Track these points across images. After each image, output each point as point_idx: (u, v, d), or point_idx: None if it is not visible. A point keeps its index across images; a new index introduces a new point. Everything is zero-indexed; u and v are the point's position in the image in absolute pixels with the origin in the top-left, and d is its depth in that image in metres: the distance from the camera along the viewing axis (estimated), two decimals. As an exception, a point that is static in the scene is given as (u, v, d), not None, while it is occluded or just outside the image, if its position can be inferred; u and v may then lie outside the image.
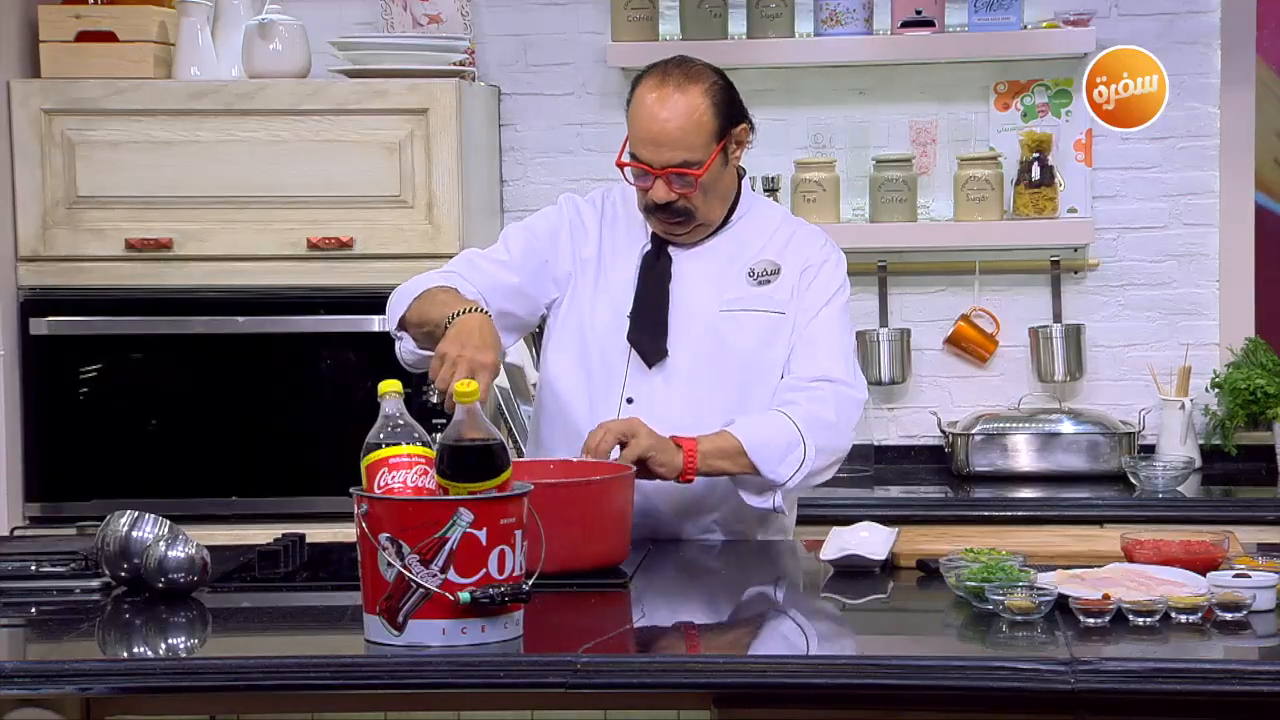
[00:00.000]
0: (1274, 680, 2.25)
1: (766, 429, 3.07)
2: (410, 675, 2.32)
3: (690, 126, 3.06)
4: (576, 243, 3.24)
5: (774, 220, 3.27)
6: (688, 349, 3.16)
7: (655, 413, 3.09)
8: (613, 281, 3.21)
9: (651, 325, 3.16)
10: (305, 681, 2.35)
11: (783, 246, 3.22)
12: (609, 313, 3.19)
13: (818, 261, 3.22)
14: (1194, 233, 4.56)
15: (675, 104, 3.06)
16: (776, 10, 4.50)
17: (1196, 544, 2.70)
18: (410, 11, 4.59)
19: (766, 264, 3.20)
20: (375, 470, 2.41)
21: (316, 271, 4.24)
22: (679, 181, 3.07)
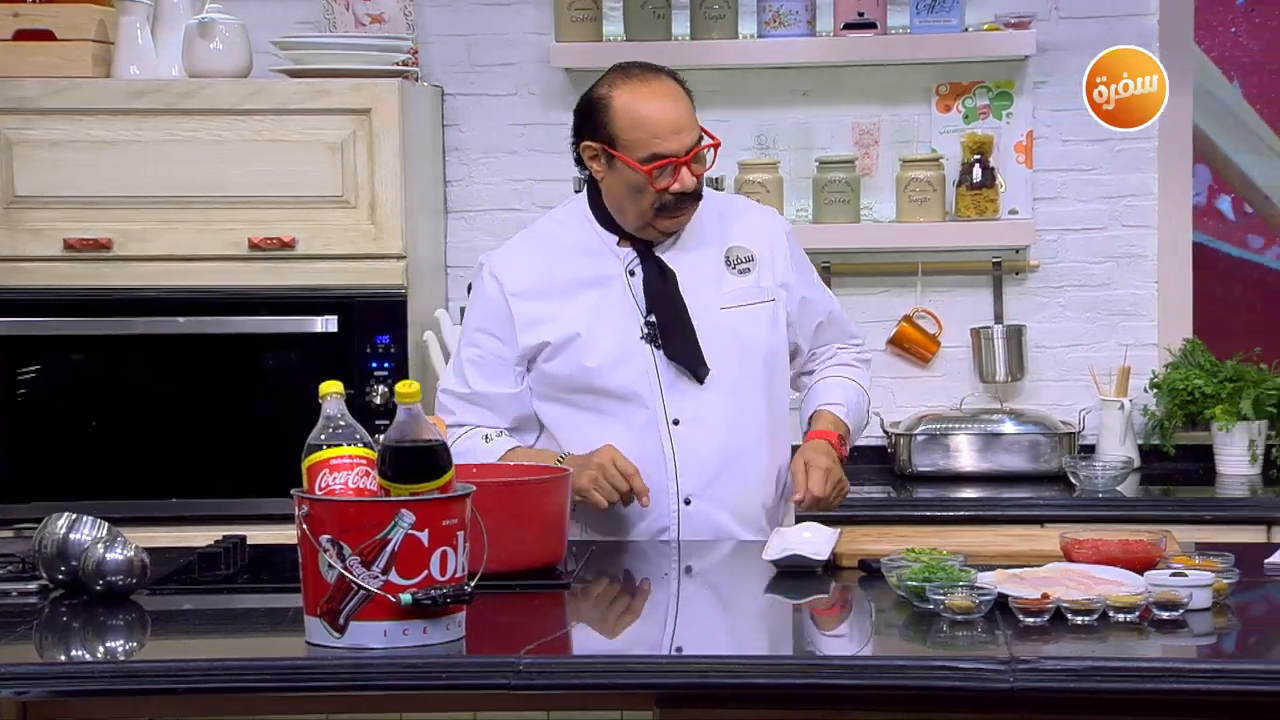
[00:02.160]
0: (1210, 678, 2.27)
1: (858, 410, 3.34)
2: (351, 677, 2.31)
3: (689, 105, 3.13)
4: (526, 307, 3.18)
5: (712, 199, 3.28)
6: (713, 354, 3.16)
7: (702, 426, 3.13)
8: (604, 315, 3.16)
9: (685, 340, 3.15)
10: (245, 684, 2.34)
11: (742, 230, 3.25)
12: (617, 345, 3.15)
13: (780, 235, 3.28)
14: (1133, 234, 4.60)
15: (671, 89, 3.12)
16: (720, 11, 4.51)
17: (1135, 543, 2.72)
18: (353, 11, 4.57)
19: (739, 251, 3.23)
20: (316, 471, 2.40)
21: (258, 272, 4.22)
22: (698, 162, 3.11)
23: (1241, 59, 4.59)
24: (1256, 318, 4.62)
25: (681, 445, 3.15)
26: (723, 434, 3.15)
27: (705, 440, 3.15)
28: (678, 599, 2.94)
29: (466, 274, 4.66)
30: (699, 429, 3.14)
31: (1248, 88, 4.59)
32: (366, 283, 4.22)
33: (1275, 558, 2.87)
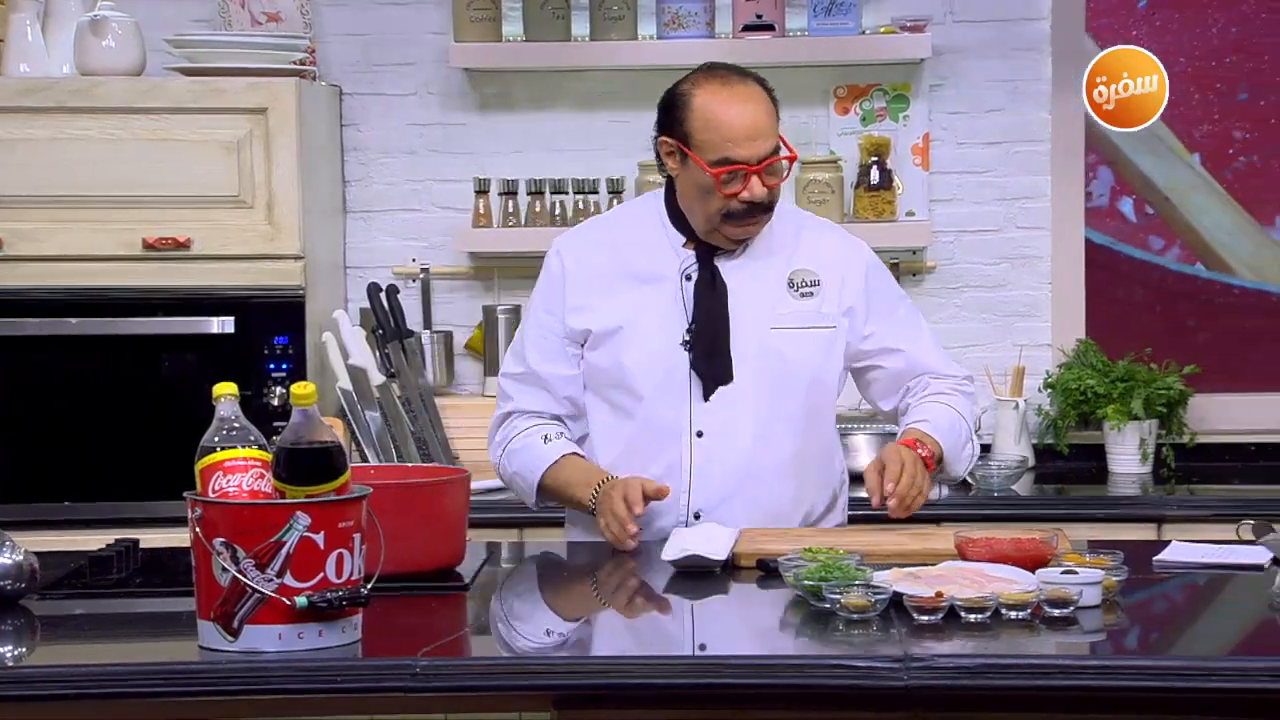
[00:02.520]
0: (1099, 674, 2.30)
1: (952, 431, 3.12)
2: (245, 681, 2.29)
3: (770, 113, 3.06)
4: (583, 292, 3.16)
5: (790, 218, 3.21)
6: (748, 371, 3.11)
7: (725, 441, 3.09)
8: (652, 314, 3.13)
9: (715, 352, 3.10)
10: (137, 689, 2.31)
11: (813, 253, 3.17)
12: (658, 344, 3.12)
13: (861, 269, 3.19)
14: (1027, 236, 4.66)
15: (753, 94, 3.05)
16: (619, 13, 4.51)
17: (1027, 541, 2.75)
18: (248, 9, 4.53)
19: (804, 274, 3.15)
20: (210, 474, 2.38)
21: (153, 272, 4.17)
22: (772, 173, 3.04)
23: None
24: (1155, 319, 4.69)
25: (700, 458, 3.11)
26: (744, 453, 3.09)
27: (725, 456, 3.10)
28: (577, 599, 2.94)
29: (365, 274, 4.64)
30: (721, 444, 3.09)
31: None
32: (264, 283, 4.19)
33: (1164, 555, 2.91)
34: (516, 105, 4.69)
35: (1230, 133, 4.65)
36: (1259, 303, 4.68)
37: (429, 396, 4.48)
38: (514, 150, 4.68)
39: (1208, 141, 4.66)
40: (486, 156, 4.68)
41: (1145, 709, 2.34)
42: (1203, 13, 4.63)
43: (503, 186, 4.60)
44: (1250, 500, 4.12)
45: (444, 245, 4.69)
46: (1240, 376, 4.68)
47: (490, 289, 4.71)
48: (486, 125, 4.69)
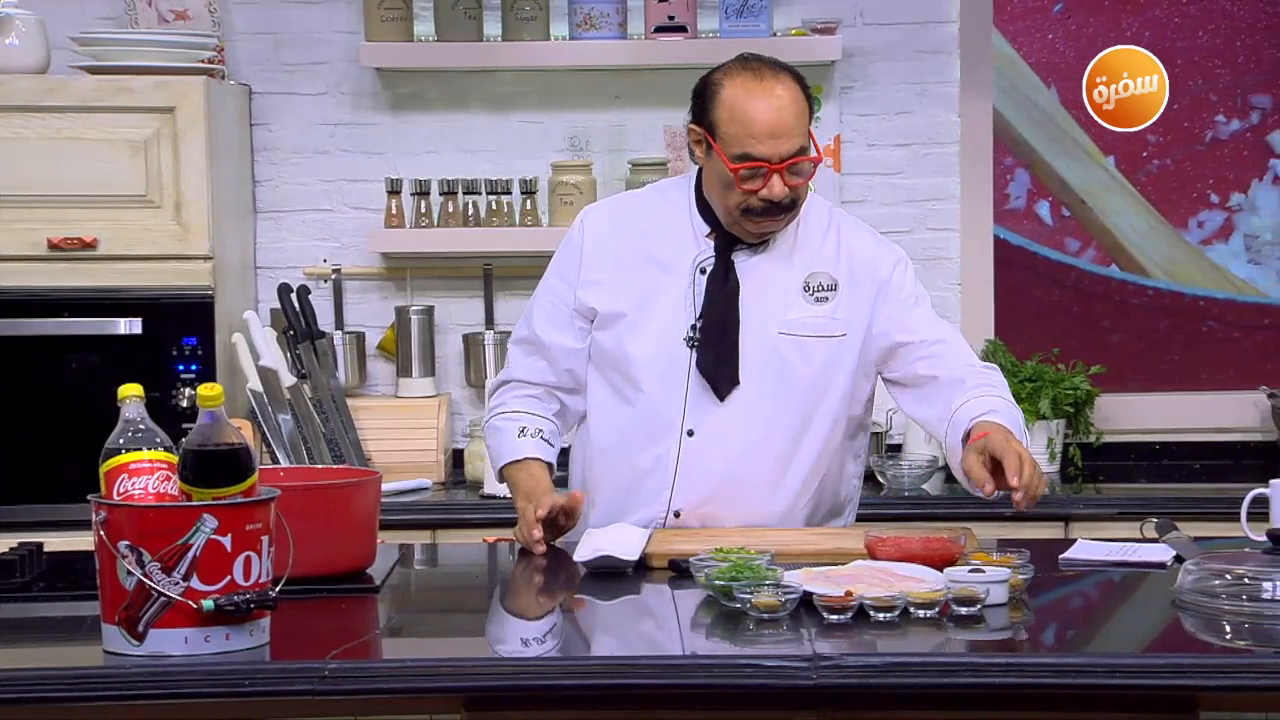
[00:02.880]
0: (1005, 672, 2.32)
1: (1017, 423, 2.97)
2: (150, 685, 2.27)
3: (799, 112, 2.98)
4: (598, 265, 3.11)
5: (823, 218, 3.14)
6: (751, 376, 3.04)
7: (716, 444, 3.05)
8: (662, 300, 3.07)
9: (722, 352, 3.04)
10: (39, 694, 2.28)
11: (835, 255, 3.10)
12: (661, 336, 3.07)
13: (885, 272, 3.11)
14: (937, 237, 4.70)
15: (783, 92, 2.97)
16: (531, 13, 4.51)
17: (935, 540, 2.77)
18: (156, 8, 4.49)
19: (823, 277, 3.08)
20: (115, 476, 2.35)
21: (58, 273, 4.13)
22: (793, 173, 2.97)
23: (1058, 64, 4.70)
24: (1070, 320, 4.74)
25: (688, 458, 3.07)
26: (733, 458, 3.05)
27: (713, 459, 3.05)
28: (488, 601, 2.94)
29: (276, 275, 4.61)
30: (711, 445, 3.05)
31: (1063, 93, 4.71)
32: (172, 284, 4.16)
33: (1070, 553, 2.95)
34: (429, 105, 4.67)
35: (1145, 136, 4.71)
36: (1172, 304, 4.75)
37: (340, 398, 4.45)
38: (426, 150, 4.66)
39: (1122, 144, 4.72)
40: (398, 156, 4.66)
41: (1051, 706, 2.36)
42: (1116, 18, 4.68)
43: (415, 187, 4.58)
44: (1155, 499, 4.16)
45: (356, 246, 4.67)
46: (1149, 377, 4.74)
47: (403, 290, 4.69)
48: (398, 125, 4.67)
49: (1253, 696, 2.39)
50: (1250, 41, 4.69)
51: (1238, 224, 4.73)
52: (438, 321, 4.64)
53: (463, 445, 4.52)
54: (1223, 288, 4.74)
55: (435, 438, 4.46)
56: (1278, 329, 4.75)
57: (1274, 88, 4.70)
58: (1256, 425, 4.69)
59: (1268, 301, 4.74)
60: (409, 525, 4.03)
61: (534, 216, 4.57)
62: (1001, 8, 4.67)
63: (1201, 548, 2.90)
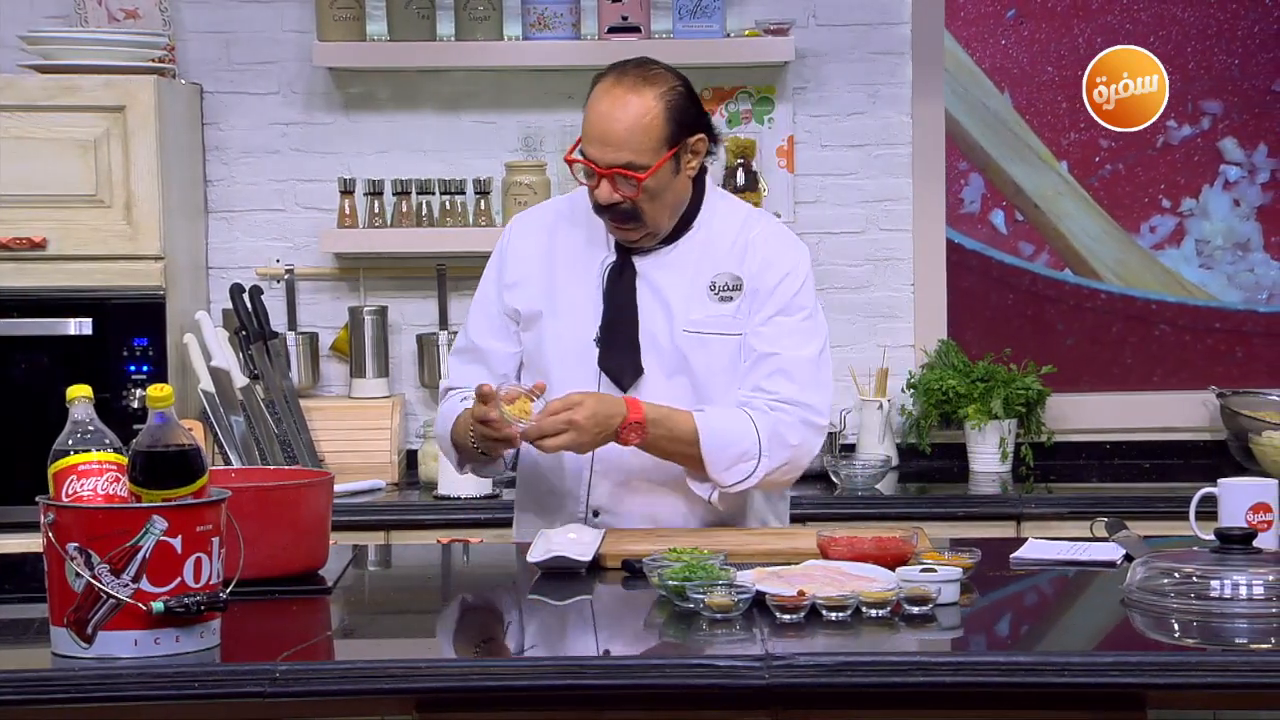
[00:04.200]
0: (955, 671, 2.33)
1: (728, 431, 3.02)
2: (99, 688, 2.25)
3: (638, 129, 2.98)
4: (520, 270, 3.14)
5: (735, 223, 3.14)
6: (656, 370, 3.08)
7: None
8: (573, 304, 3.10)
9: (623, 346, 3.07)
10: (-13, 698, 2.27)
11: (743, 255, 3.11)
12: (573, 337, 3.09)
13: (780, 274, 3.11)
14: (890, 237, 4.71)
15: (627, 105, 2.99)
16: (485, 13, 4.50)
17: (888, 540, 2.78)
18: (105, 6, 4.46)
19: (728, 278, 3.10)
20: (64, 478, 2.34)
21: (7, 273, 4.10)
22: (623, 184, 2.99)
23: (1011, 70, 4.72)
24: (1023, 322, 4.75)
25: (601, 457, 3.07)
26: (643, 455, 3.04)
27: (625, 457, 3.05)
28: (441, 601, 2.93)
29: (228, 275, 4.59)
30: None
31: (1017, 98, 4.73)
32: (123, 284, 4.13)
33: (1021, 552, 2.96)
34: (381, 105, 4.66)
35: (1097, 141, 4.73)
36: (1124, 307, 4.77)
37: (293, 398, 4.43)
38: (379, 150, 4.65)
39: (1075, 149, 4.74)
40: (351, 156, 4.64)
41: (1001, 705, 2.37)
42: (1068, 24, 4.71)
43: (368, 187, 4.56)
44: (1105, 498, 4.19)
45: (308, 246, 4.65)
46: (1100, 377, 4.77)
47: (356, 290, 4.68)
48: (351, 125, 4.65)
49: (1200, 694, 2.41)
50: (1200, 47, 4.72)
51: (1189, 229, 4.76)
52: (391, 322, 4.63)
53: (416, 446, 4.51)
54: (1174, 291, 4.77)
55: (389, 438, 4.44)
56: (1228, 332, 4.78)
57: (1224, 93, 4.73)
58: (1206, 425, 4.73)
59: (1218, 305, 4.78)
60: (362, 526, 4.02)
61: (488, 217, 4.56)
62: (954, 14, 4.68)
63: (1150, 546, 2.91)
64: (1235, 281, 4.77)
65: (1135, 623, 2.55)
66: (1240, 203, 4.76)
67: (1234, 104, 4.73)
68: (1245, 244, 4.76)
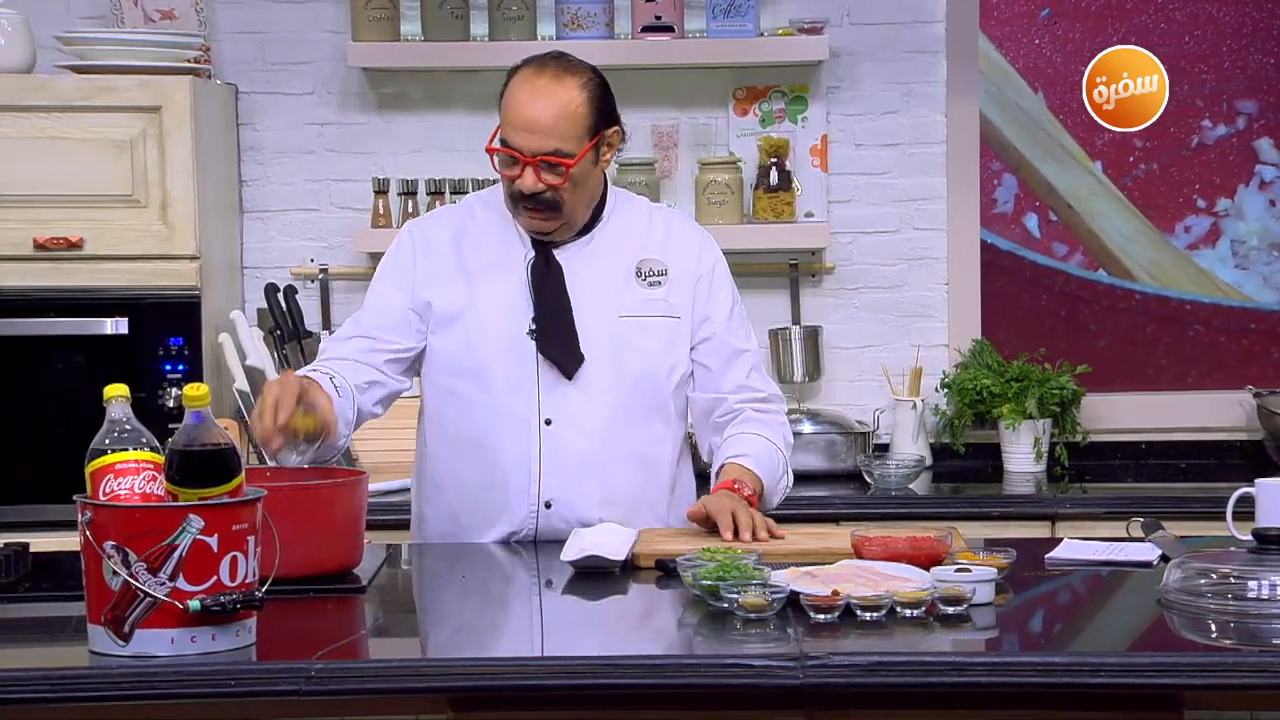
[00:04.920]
0: (990, 671, 2.32)
1: (770, 464, 3.16)
2: (136, 686, 2.26)
3: (565, 117, 3.02)
4: (430, 277, 3.15)
5: (642, 212, 3.24)
6: (598, 358, 3.11)
7: (575, 429, 3.08)
8: (497, 302, 3.12)
9: (561, 335, 3.10)
10: (25, 695, 2.27)
11: (663, 242, 3.20)
12: (504, 335, 3.11)
13: (709, 264, 3.23)
14: (923, 237, 4.70)
15: (552, 93, 3.02)
16: (518, 13, 4.51)
17: (922, 540, 2.77)
18: (141, 7, 4.49)
19: (652, 263, 3.18)
20: (101, 476, 2.35)
21: (44, 273, 4.12)
22: (549, 172, 3.02)
23: (1045, 69, 4.71)
24: (1056, 322, 4.74)
25: (549, 446, 3.10)
26: (592, 439, 3.10)
27: (573, 442, 3.10)
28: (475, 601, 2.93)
29: (262, 275, 4.60)
30: (569, 430, 3.09)
31: (1050, 98, 4.71)
32: (158, 284, 4.15)
33: (1056, 552, 2.95)
34: (415, 105, 4.67)
35: (1131, 141, 4.71)
36: (1158, 307, 4.75)
37: (327, 398, 4.44)
38: (412, 150, 4.66)
39: (1109, 149, 4.72)
40: (385, 156, 4.66)
41: (1036, 705, 2.37)
42: (1102, 23, 4.69)
43: (401, 186, 4.58)
44: (1140, 498, 4.17)
45: (342, 245, 4.66)
46: (1134, 377, 4.75)
47: (389, 290, 4.68)
48: (385, 125, 4.67)
49: (1237, 695, 2.40)
50: (1236, 46, 4.69)
51: (1224, 229, 4.74)
52: (424, 321, 4.64)
53: (449, 445, 4.51)
54: (1209, 292, 4.75)
55: (422, 438, 4.45)
56: (1264, 333, 4.76)
57: (1260, 93, 4.71)
58: (1242, 424, 4.70)
59: (1254, 306, 4.75)
60: (396, 525, 4.01)
61: (521, 216, 4.57)
62: (988, 13, 4.67)
63: (1187, 547, 2.90)
64: (1271, 282, 4.75)
65: (1172, 623, 2.54)
66: (1276, 203, 4.73)
67: (1269, 104, 4.70)
68: (1281, 244, 4.75)
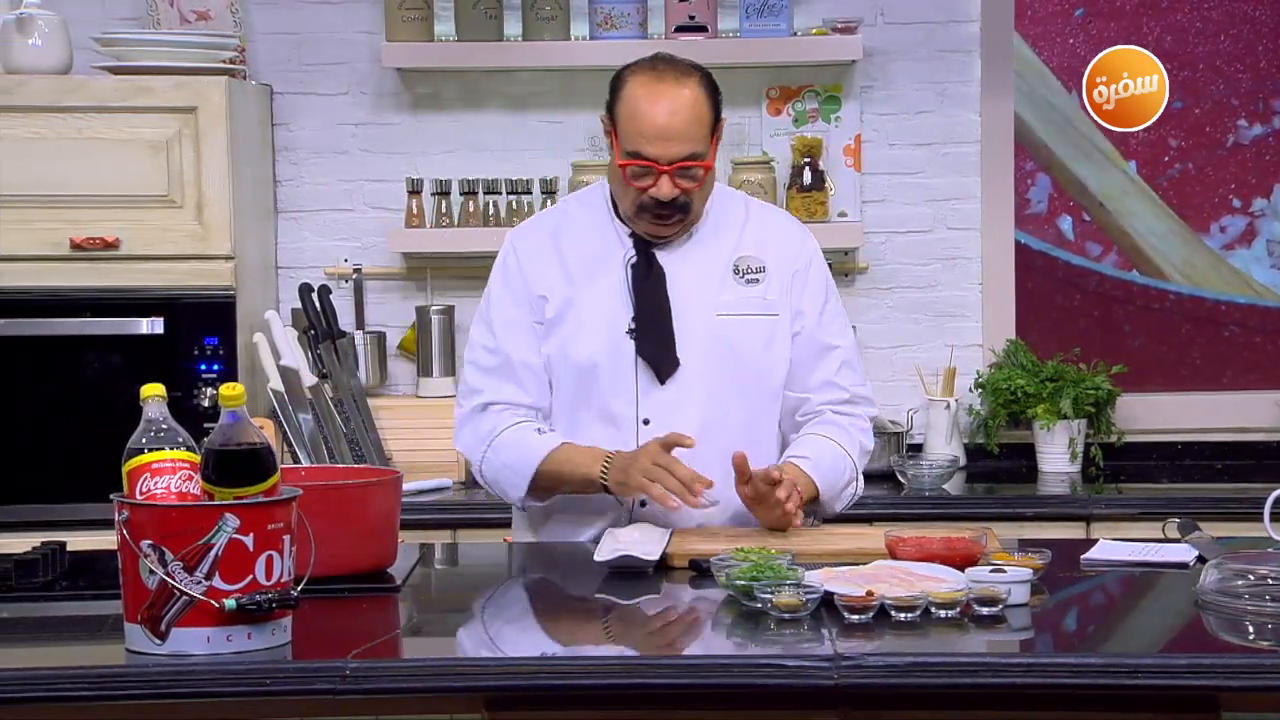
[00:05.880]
0: (1026, 672, 2.32)
1: (833, 470, 3.12)
2: (172, 684, 2.27)
3: (694, 119, 3.01)
4: (539, 281, 3.14)
5: (739, 208, 3.21)
6: (695, 358, 3.10)
7: (672, 428, 3.05)
8: (598, 302, 3.11)
9: (659, 337, 3.09)
10: (63, 693, 2.28)
11: (761, 240, 3.17)
12: (604, 335, 3.10)
13: (805, 259, 3.20)
14: (957, 236, 4.69)
15: (679, 96, 3.01)
16: (552, 13, 4.51)
17: (957, 540, 2.77)
18: (177, 8, 4.51)
19: (750, 260, 3.15)
20: (137, 476, 2.36)
21: (80, 272, 4.14)
22: (684, 177, 3.01)
23: (1079, 69, 4.69)
24: (1089, 323, 4.72)
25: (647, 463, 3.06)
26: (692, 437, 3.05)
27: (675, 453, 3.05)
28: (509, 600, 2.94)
29: (297, 275, 4.62)
30: (666, 429, 3.05)
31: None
32: (193, 284, 4.17)
33: (1092, 553, 2.94)
34: (448, 105, 4.68)
35: (1165, 140, 4.69)
36: (1193, 308, 4.73)
37: (361, 397, 4.46)
38: (446, 150, 4.67)
39: (1143, 149, 4.70)
40: (418, 156, 4.67)
41: (1072, 706, 2.36)
42: (1137, 22, 4.67)
43: (435, 187, 4.59)
44: (1176, 499, 4.15)
45: (376, 245, 4.67)
46: (1169, 378, 4.73)
47: (423, 289, 4.70)
48: (418, 125, 4.68)
49: (1275, 697, 2.38)
50: (1272, 45, 4.67)
51: (1260, 229, 4.71)
52: (458, 321, 4.65)
53: (483, 445, 4.51)
54: (1244, 293, 4.73)
55: (455, 437, 4.46)
56: (1300, 334, 4.74)
57: (1296, 91, 4.69)
58: (1279, 425, 4.67)
59: (1290, 307, 4.73)
60: (430, 525, 4.04)
61: (554, 216, 4.57)
62: (1022, 12, 4.66)
63: (1224, 548, 2.89)
64: (1307, 283, 4.73)
65: (1208, 625, 2.52)
66: (1313, 202, 4.71)
67: (1306, 102, 4.68)
68: (1317, 244, 4.72)
